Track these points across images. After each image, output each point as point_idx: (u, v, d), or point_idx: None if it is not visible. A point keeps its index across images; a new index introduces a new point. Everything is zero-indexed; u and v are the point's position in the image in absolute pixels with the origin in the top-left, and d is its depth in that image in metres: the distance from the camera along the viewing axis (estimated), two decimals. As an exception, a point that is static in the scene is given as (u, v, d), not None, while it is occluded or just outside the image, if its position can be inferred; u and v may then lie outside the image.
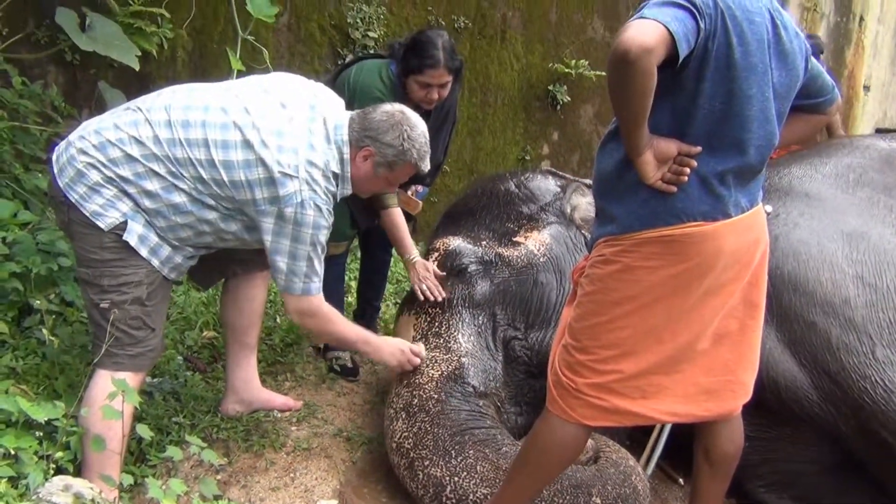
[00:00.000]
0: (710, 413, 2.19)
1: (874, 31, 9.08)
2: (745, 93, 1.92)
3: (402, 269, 4.56)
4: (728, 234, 2.00)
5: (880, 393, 2.59)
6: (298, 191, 2.29)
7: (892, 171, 3.33)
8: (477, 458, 2.49)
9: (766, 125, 1.99)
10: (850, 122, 9.12)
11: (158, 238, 2.35)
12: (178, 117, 2.31)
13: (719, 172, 1.97)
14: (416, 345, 2.75)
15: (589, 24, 5.80)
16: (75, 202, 2.27)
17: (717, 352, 2.12)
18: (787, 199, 3.14)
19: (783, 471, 2.93)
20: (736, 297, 2.09)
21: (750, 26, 1.90)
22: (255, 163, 2.28)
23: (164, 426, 2.72)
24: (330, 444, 2.92)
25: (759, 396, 2.76)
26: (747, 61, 1.90)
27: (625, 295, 2.04)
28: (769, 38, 1.95)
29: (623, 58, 1.73)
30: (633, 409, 2.11)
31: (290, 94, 2.42)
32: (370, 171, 2.45)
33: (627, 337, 2.06)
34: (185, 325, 3.41)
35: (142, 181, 2.29)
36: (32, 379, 2.63)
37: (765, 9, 1.96)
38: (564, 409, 2.15)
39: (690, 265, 1.99)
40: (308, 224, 2.33)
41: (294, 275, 2.40)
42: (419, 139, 2.45)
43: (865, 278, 2.79)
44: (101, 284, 2.31)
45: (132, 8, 3.50)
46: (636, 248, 2.01)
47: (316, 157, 2.33)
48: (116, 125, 2.31)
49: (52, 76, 3.49)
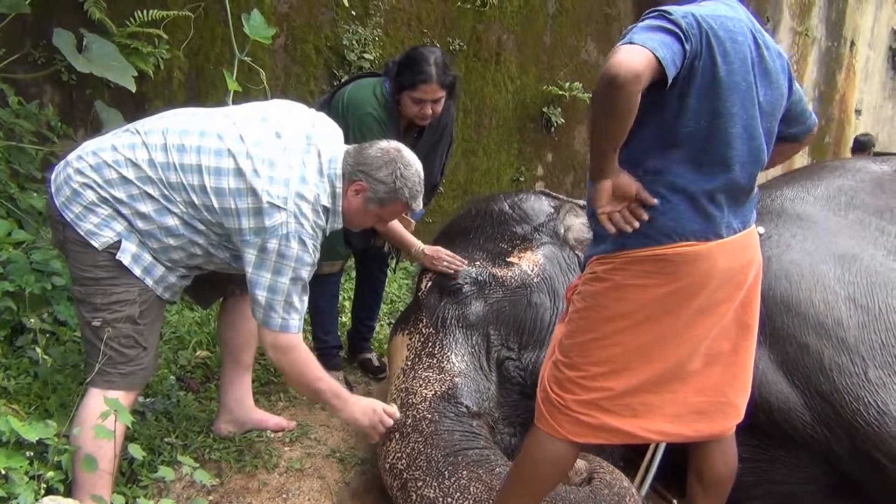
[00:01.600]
0: (700, 434, 2.20)
1: (865, 56, 9.17)
2: (728, 111, 1.95)
3: (396, 289, 4.56)
4: (720, 255, 2.02)
5: (873, 414, 2.59)
6: (285, 223, 2.28)
7: (883, 193, 3.36)
8: (470, 479, 2.48)
9: (750, 142, 2.02)
10: (842, 145, 9.19)
11: (152, 258, 2.36)
12: (174, 141, 2.32)
13: (708, 191, 1.99)
14: (390, 406, 2.64)
15: (583, 46, 5.85)
16: (70, 221, 2.28)
17: (709, 372, 2.12)
18: (779, 221, 3.16)
19: (778, 492, 2.92)
20: (728, 317, 2.10)
21: (733, 45, 1.93)
22: (246, 192, 2.28)
23: (156, 446, 2.71)
24: (323, 465, 2.91)
25: (753, 418, 2.78)
26: (731, 80, 1.93)
27: (615, 313, 2.05)
28: (752, 57, 1.98)
29: (612, 82, 1.76)
30: (621, 427, 2.11)
31: (287, 124, 2.42)
32: (361, 205, 2.44)
33: (617, 355, 2.07)
34: (178, 345, 3.41)
35: (136, 203, 2.30)
36: (24, 398, 2.62)
37: (747, 29, 1.99)
38: (553, 425, 2.15)
39: (682, 285, 2.00)
40: (291, 257, 2.31)
41: (272, 309, 2.36)
42: (412, 178, 2.44)
43: (857, 299, 2.80)
44: (94, 302, 2.32)
45: (129, 29, 3.53)
46: (627, 266, 2.03)
47: (306, 191, 2.32)
48: (114, 146, 2.32)
49: (48, 96, 3.51)
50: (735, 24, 1.96)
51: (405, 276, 4.79)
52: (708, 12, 1.93)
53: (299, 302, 2.38)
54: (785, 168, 8.13)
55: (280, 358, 2.46)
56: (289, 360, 2.46)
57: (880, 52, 9.46)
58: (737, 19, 1.98)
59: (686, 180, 1.97)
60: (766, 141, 2.06)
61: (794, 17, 7.78)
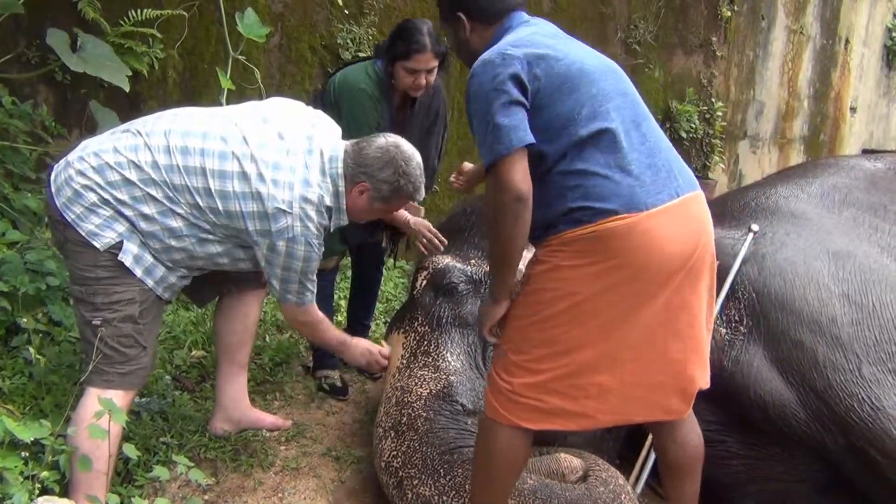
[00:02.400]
0: (656, 413, 2.19)
1: (860, 54, 9.18)
2: (586, 90, 2.08)
3: (391, 287, 4.56)
4: (657, 226, 2.01)
5: (867, 411, 2.60)
6: (291, 226, 2.33)
7: (877, 190, 3.37)
8: (466, 478, 2.48)
9: (619, 98, 2.13)
10: (837, 143, 9.20)
11: (153, 259, 2.36)
12: (177, 143, 2.32)
13: (616, 165, 2.03)
14: (383, 348, 2.87)
15: (578, 45, 5.85)
16: (71, 222, 2.28)
17: (664, 347, 2.09)
18: (773, 219, 3.17)
19: (772, 489, 2.93)
20: (683, 290, 2.07)
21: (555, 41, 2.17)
22: (251, 196, 2.31)
23: (151, 446, 2.71)
24: (319, 464, 2.91)
25: (747, 415, 2.79)
26: (569, 69, 2.09)
27: (555, 294, 2.05)
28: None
29: (512, 200, 1.98)
30: (573, 408, 2.10)
31: (288, 124, 2.44)
32: (366, 204, 2.50)
33: (560, 335, 2.06)
34: (173, 345, 3.40)
35: (139, 205, 2.30)
36: (19, 399, 2.62)
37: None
38: (503, 413, 2.15)
39: (618, 262, 2.00)
40: (298, 257, 2.39)
41: (287, 292, 2.49)
42: (414, 172, 2.48)
43: (851, 297, 2.81)
44: (94, 302, 2.32)
45: (123, 28, 3.52)
46: (563, 247, 2.04)
47: (310, 193, 2.36)
48: (116, 149, 2.32)
49: (42, 96, 3.50)
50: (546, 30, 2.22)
51: (401, 274, 4.79)
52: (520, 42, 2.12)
53: (311, 284, 2.52)
54: (780, 165, 8.16)
55: (300, 327, 2.75)
56: (308, 329, 2.72)
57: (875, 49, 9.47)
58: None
59: (590, 163, 2.03)
60: (629, 94, 2.18)
61: (788, 16, 7.80)
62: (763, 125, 7.98)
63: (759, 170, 7.97)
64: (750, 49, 7.49)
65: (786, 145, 8.37)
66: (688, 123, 6.70)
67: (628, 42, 6.15)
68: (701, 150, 7.04)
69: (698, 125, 6.82)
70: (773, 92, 7.95)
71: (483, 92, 2.05)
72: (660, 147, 2.14)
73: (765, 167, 8.06)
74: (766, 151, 8.10)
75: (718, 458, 2.86)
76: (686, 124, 6.68)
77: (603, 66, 2.20)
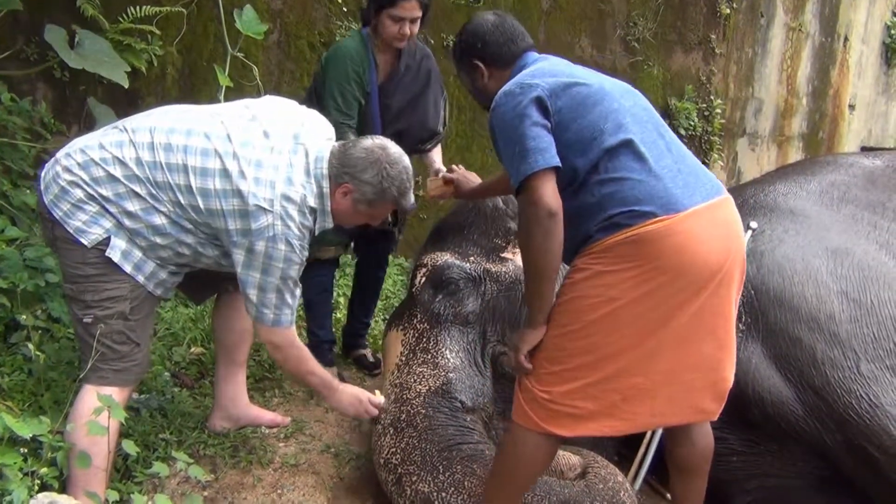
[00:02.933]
0: (690, 415, 2.20)
1: (859, 51, 9.17)
2: (608, 104, 2.14)
3: (391, 285, 4.56)
4: (693, 228, 2.04)
5: (865, 407, 2.60)
6: (271, 225, 2.27)
7: (875, 188, 3.37)
8: (464, 474, 2.49)
9: (641, 112, 2.20)
10: (835, 140, 9.20)
11: (142, 254, 2.35)
12: (161, 140, 2.31)
13: (645, 169, 2.07)
14: (376, 396, 2.73)
15: (577, 43, 5.85)
16: (59, 219, 2.28)
17: (699, 349, 2.11)
18: (772, 216, 3.17)
19: (771, 486, 2.93)
20: (720, 293, 2.09)
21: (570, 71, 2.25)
22: (232, 193, 2.28)
23: (150, 442, 2.71)
24: (318, 461, 2.91)
25: (746, 412, 2.79)
26: (590, 89, 2.16)
27: (597, 301, 2.06)
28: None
29: (544, 216, 2.02)
30: (610, 412, 2.11)
31: (275, 123, 2.41)
32: (350, 207, 2.43)
33: (598, 342, 2.07)
34: (172, 341, 3.40)
35: (122, 201, 2.29)
36: (18, 395, 2.62)
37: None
38: (535, 420, 2.16)
39: (657, 265, 2.02)
40: (279, 259, 2.31)
41: (264, 306, 2.39)
42: (399, 176, 2.41)
43: (850, 294, 2.81)
44: (85, 300, 2.31)
45: (122, 25, 3.52)
46: (603, 253, 2.05)
47: (293, 192, 2.31)
48: (102, 145, 2.31)
49: (41, 92, 3.50)
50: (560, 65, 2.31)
51: (400, 272, 4.79)
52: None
53: (291, 297, 2.40)
54: (778, 163, 8.16)
55: (276, 353, 2.56)
56: (284, 356, 2.54)
57: (874, 47, 9.46)
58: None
59: (623, 170, 2.07)
60: (645, 113, 2.23)
61: (787, 13, 7.79)
62: (762, 123, 7.97)
63: (758, 167, 7.97)
64: (749, 46, 7.49)
65: (784, 143, 8.37)
66: (686, 121, 6.69)
67: (627, 40, 6.14)
68: (700, 147, 7.04)
69: (697, 123, 6.82)
70: (772, 89, 7.95)
71: (508, 119, 2.12)
72: (684, 154, 2.20)
73: (763, 165, 8.06)
74: (764, 149, 8.10)
75: (718, 455, 2.84)
76: (685, 122, 6.68)
77: (620, 86, 2.27)
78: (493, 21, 2.38)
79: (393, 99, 3.28)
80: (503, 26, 2.37)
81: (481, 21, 2.39)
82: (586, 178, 2.09)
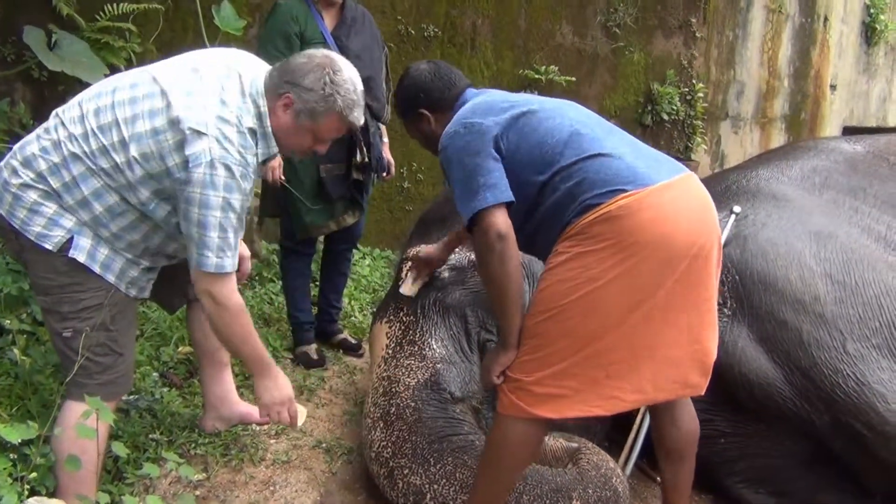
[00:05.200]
0: (677, 389, 2.20)
1: (839, 31, 9.21)
2: (554, 120, 2.22)
3: (378, 277, 4.56)
4: (666, 200, 2.06)
5: (852, 386, 2.63)
6: (208, 149, 2.10)
7: (856, 174, 3.40)
8: (456, 466, 2.49)
9: (586, 118, 2.27)
10: (818, 121, 9.24)
11: (109, 250, 2.23)
12: (90, 108, 2.18)
13: (608, 155, 2.12)
14: (301, 407, 2.56)
15: (557, 29, 5.84)
16: (19, 228, 2.16)
17: (681, 322, 2.11)
18: (754, 201, 3.19)
19: (760, 466, 2.96)
20: (697, 265, 2.08)
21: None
22: (163, 128, 2.12)
23: (140, 443, 2.70)
24: (309, 456, 2.92)
25: (733, 394, 2.81)
26: (534, 113, 2.23)
27: (575, 283, 2.06)
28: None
29: (494, 240, 2.10)
30: (595, 390, 2.11)
31: (206, 59, 2.28)
32: (291, 122, 2.23)
33: (578, 324, 2.07)
34: (160, 341, 3.39)
35: (72, 191, 2.16)
36: (6, 400, 2.60)
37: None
38: (521, 406, 2.15)
39: (634, 240, 2.02)
40: (218, 186, 2.11)
41: (206, 248, 2.16)
42: (345, 85, 2.21)
43: (834, 276, 2.83)
44: (61, 311, 2.21)
45: (99, 24, 3.49)
46: (579, 236, 2.07)
47: (227, 113, 2.14)
48: (38, 135, 2.21)
49: (19, 93, 3.47)
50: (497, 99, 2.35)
51: (386, 264, 4.79)
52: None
53: (234, 236, 2.19)
54: (761, 145, 8.20)
55: (215, 310, 2.27)
56: (221, 314, 2.28)
57: (853, 26, 9.50)
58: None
59: (587, 161, 2.12)
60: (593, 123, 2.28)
61: (767, -5, 7.83)
62: (744, 105, 8.00)
63: (742, 150, 8.00)
64: (729, 29, 7.50)
65: (767, 125, 8.40)
66: (669, 105, 6.71)
67: (608, 26, 6.14)
68: (683, 131, 7.06)
69: (679, 107, 6.84)
70: (754, 72, 7.98)
71: (456, 158, 2.19)
72: (640, 145, 2.26)
73: (747, 147, 8.09)
74: (747, 131, 8.13)
75: (706, 437, 2.86)
76: (667, 106, 6.70)
77: (559, 102, 2.35)
78: (430, 69, 2.47)
79: (349, 41, 3.32)
80: (440, 72, 2.46)
81: (418, 72, 2.47)
82: (551, 182, 2.14)
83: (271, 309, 3.97)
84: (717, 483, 3.00)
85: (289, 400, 2.46)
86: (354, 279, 4.46)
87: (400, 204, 5.12)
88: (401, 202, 5.12)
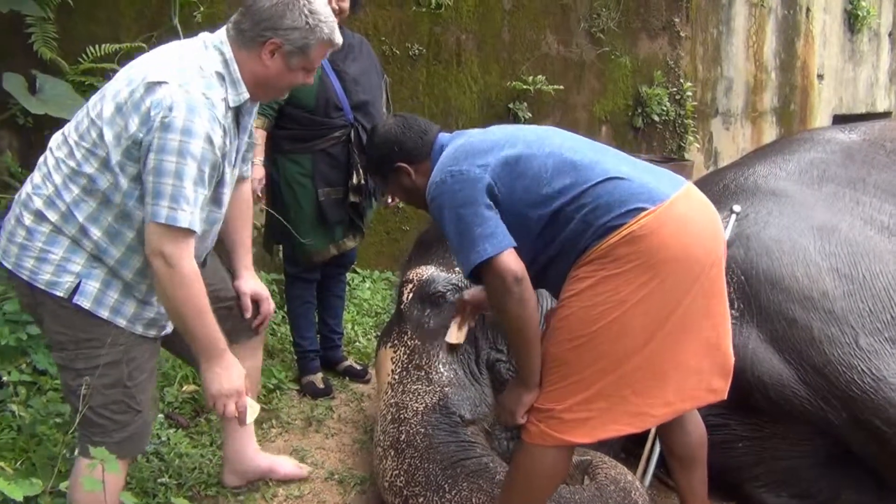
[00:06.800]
0: (702, 396, 2.19)
1: (822, 21, 9.22)
2: (543, 150, 2.18)
3: (379, 300, 4.52)
4: (683, 213, 2.06)
5: (868, 382, 2.58)
6: (168, 94, 1.99)
7: (854, 164, 3.36)
8: (471, 490, 2.45)
9: (571, 142, 2.25)
10: (808, 111, 9.23)
11: (119, 294, 2.14)
12: (71, 126, 2.15)
13: (613, 177, 2.10)
14: (253, 403, 2.34)
15: (542, 39, 5.83)
16: (28, 279, 2.10)
17: (700, 330, 2.11)
18: (754, 199, 3.16)
19: (779, 469, 2.91)
20: (714, 271, 2.10)
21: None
22: (124, 98, 2.03)
23: (149, 489, 2.66)
24: (322, 489, 2.87)
25: (747, 397, 2.77)
26: (520, 152, 2.19)
27: (606, 308, 2.03)
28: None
29: (512, 283, 2.05)
30: (625, 409, 2.09)
31: (171, 45, 2.22)
32: (282, 66, 2.16)
33: (609, 348, 2.05)
34: (163, 382, 3.34)
35: (69, 221, 2.07)
36: (9, 454, 2.56)
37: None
38: (551, 434, 2.12)
39: (659, 258, 2.01)
40: (176, 129, 1.97)
41: (160, 196, 1.99)
42: (322, 11, 2.16)
43: (840, 270, 2.79)
44: (77, 368, 2.13)
45: (83, 66, 3.46)
46: (602, 259, 2.04)
47: (187, 63, 2.08)
48: (31, 177, 2.17)
49: (5, 141, 3.44)
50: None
51: (387, 286, 4.75)
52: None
53: (192, 189, 2.01)
54: (753, 139, 8.18)
55: (165, 272, 2.03)
56: (171, 276, 2.04)
57: (836, 15, 9.51)
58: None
59: (595, 187, 2.09)
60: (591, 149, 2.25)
61: (748, -11, 7.82)
62: (733, 101, 7.99)
63: (734, 146, 7.99)
64: (713, 27, 7.50)
65: (758, 119, 8.39)
66: (659, 106, 6.70)
67: (592, 32, 6.13)
68: (674, 131, 7.04)
69: (669, 107, 6.82)
70: (740, 67, 7.97)
71: (449, 209, 2.15)
72: (634, 160, 2.24)
73: (739, 142, 8.08)
74: (738, 127, 8.12)
75: (723, 442, 2.84)
76: (657, 108, 6.68)
77: (541, 131, 2.32)
78: (398, 122, 2.42)
79: (346, 65, 3.33)
80: (408, 123, 2.41)
81: (387, 128, 2.42)
82: (561, 212, 2.11)
83: (274, 340, 3.93)
84: (737, 489, 2.95)
85: (237, 393, 2.21)
86: (356, 303, 4.43)
87: (396, 224, 5.09)
88: (397, 222, 5.09)
